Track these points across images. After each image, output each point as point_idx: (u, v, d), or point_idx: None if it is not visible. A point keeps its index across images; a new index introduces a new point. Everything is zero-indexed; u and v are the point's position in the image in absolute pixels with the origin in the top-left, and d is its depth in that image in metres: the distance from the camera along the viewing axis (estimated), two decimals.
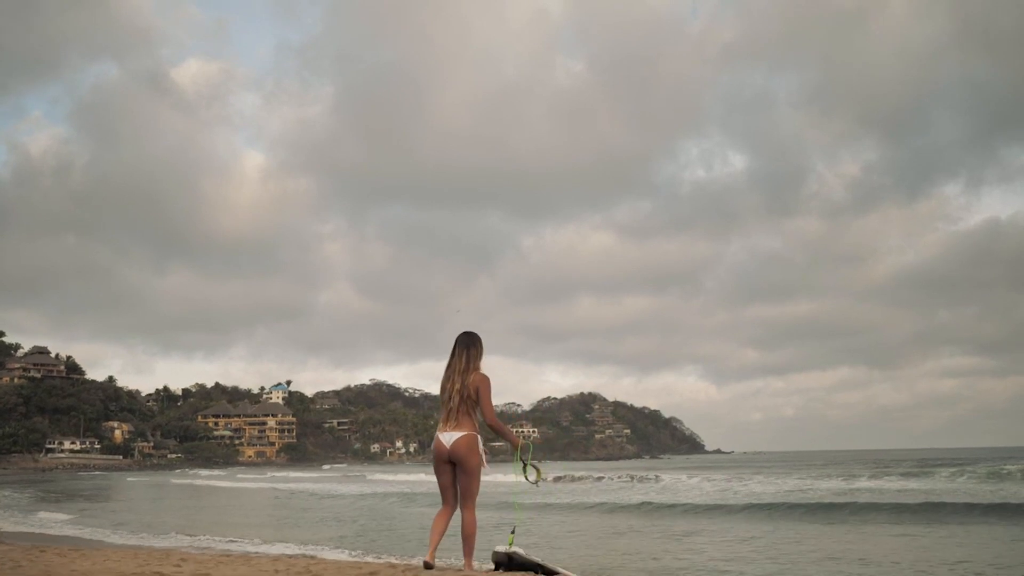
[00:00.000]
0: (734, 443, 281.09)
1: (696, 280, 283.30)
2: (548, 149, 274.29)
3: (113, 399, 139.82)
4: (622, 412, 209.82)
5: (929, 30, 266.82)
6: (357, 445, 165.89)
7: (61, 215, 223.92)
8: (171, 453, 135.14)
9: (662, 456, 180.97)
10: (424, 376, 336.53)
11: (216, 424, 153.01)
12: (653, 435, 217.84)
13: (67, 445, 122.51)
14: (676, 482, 39.41)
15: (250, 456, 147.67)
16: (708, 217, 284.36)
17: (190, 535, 16.85)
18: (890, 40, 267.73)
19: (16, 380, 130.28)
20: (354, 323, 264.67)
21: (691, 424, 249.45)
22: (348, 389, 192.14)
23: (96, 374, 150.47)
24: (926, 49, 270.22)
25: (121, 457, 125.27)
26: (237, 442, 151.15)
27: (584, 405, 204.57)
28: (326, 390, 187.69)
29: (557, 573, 6.20)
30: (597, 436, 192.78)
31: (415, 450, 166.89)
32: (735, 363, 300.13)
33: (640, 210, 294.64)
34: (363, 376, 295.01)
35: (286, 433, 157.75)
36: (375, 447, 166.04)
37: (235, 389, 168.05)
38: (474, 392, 6.15)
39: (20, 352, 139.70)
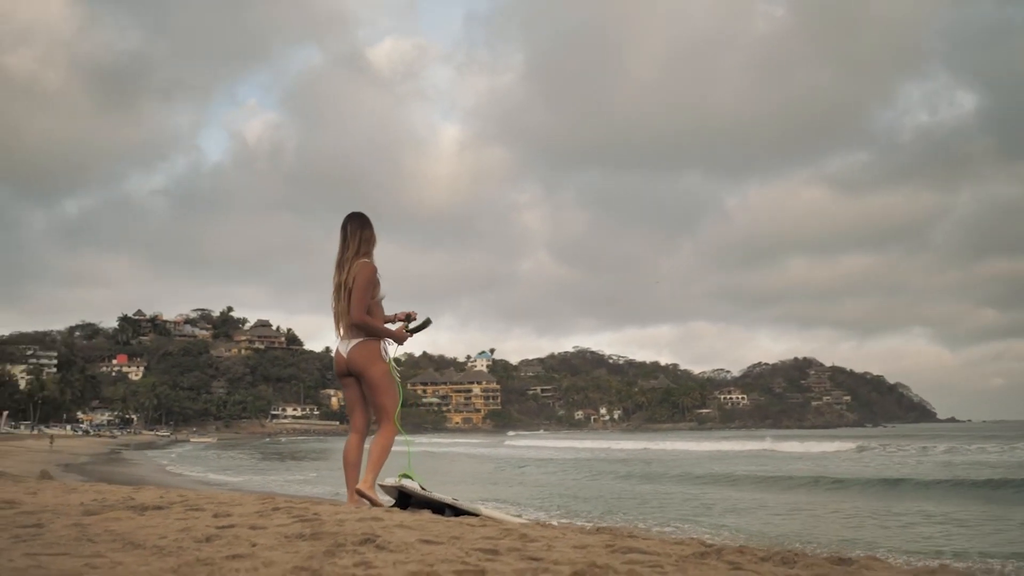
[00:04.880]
0: (971, 411, 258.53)
1: (922, 235, 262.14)
2: (749, 102, 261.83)
3: (329, 368, 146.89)
4: (841, 378, 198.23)
5: None
6: (561, 412, 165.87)
7: (276, 196, 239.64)
8: None
9: (886, 425, 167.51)
10: (628, 343, 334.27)
11: (424, 392, 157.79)
12: (877, 403, 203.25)
13: (289, 411, 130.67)
14: (898, 451, 35.13)
15: (457, 422, 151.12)
16: (934, 165, 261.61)
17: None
18: None
19: (243, 351, 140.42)
20: (555, 291, 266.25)
21: (920, 391, 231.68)
22: (552, 357, 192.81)
23: (315, 345, 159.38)
24: None
25: (338, 423, 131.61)
26: (444, 408, 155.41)
27: (798, 371, 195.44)
28: (530, 358, 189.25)
29: (478, 513, 4.98)
30: (813, 403, 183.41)
31: (619, 417, 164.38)
32: (970, 324, 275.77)
33: (855, 162, 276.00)
34: (567, 344, 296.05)
35: (491, 400, 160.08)
36: (579, 414, 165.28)
37: (441, 358, 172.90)
38: (352, 283, 5.03)
39: (247, 325, 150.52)
